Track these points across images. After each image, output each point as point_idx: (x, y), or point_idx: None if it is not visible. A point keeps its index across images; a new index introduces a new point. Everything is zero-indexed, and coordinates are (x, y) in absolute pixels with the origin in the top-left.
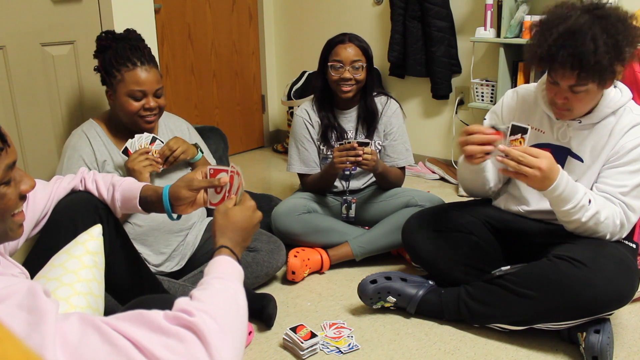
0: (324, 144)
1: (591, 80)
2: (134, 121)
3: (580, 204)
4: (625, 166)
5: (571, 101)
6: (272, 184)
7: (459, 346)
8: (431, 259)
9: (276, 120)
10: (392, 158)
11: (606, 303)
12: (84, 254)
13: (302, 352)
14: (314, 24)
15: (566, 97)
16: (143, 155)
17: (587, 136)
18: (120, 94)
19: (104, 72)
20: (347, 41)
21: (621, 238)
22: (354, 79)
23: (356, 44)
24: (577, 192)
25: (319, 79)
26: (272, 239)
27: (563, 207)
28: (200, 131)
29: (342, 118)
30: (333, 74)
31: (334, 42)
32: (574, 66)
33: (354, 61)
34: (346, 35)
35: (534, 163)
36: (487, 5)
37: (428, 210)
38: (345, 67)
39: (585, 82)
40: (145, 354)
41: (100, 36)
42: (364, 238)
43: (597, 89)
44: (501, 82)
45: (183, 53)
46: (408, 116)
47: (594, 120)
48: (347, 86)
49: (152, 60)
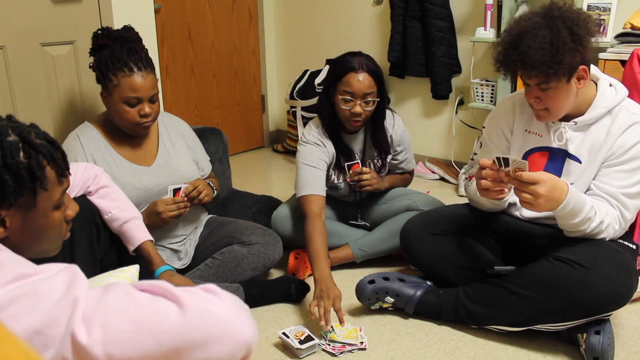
0: (335, 170)
1: (552, 77)
2: (131, 129)
3: (587, 217)
4: (624, 165)
5: (544, 100)
6: (272, 184)
7: (458, 346)
8: (430, 263)
9: (276, 120)
10: (405, 166)
11: (605, 304)
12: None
13: (299, 354)
14: (314, 24)
15: (537, 96)
16: (176, 204)
17: (584, 137)
18: (115, 99)
19: (99, 73)
20: (359, 68)
21: (617, 238)
22: (364, 114)
23: (369, 71)
24: (584, 206)
25: (325, 102)
26: (268, 232)
27: (571, 220)
28: (200, 132)
29: (349, 139)
30: (343, 106)
31: (345, 68)
32: (525, 66)
33: (366, 94)
34: (357, 58)
35: (532, 190)
36: (487, 5)
37: (426, 213)
38: (357, 100)
39: (545, 79)
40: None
41: (97, 33)
42: (365, 241)
43: (565, 84)
44: (501, 82)
45: (183, 53)
46: (408, 116)
47: (590, 121)
48: (358, 121)
49: (149, 65)
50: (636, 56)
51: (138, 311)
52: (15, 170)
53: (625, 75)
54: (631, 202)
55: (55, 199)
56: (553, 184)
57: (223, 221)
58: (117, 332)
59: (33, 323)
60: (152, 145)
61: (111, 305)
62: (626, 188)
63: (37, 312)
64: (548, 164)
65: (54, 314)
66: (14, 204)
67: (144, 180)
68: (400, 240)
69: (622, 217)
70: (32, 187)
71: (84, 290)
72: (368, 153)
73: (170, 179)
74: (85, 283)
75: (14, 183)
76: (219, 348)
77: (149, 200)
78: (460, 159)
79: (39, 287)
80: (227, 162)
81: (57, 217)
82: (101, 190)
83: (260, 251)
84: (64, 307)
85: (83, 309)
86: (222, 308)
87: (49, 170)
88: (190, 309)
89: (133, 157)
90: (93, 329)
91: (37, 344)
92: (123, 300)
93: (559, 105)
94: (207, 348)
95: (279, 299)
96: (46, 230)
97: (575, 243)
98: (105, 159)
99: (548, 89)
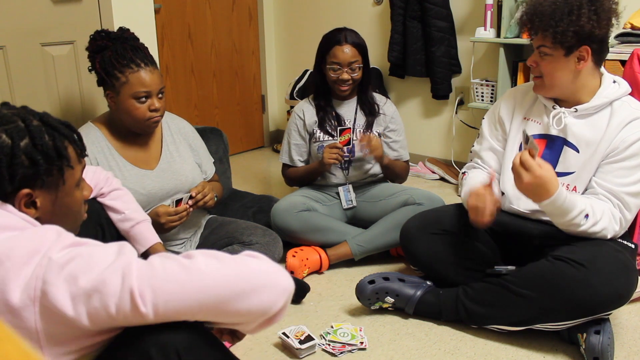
0: (320, 131)
1: (556, 38)
2: (141, 126)
3: (576, 219)
4: (625, 161)
5: (540, 66)
6: (272, 185)
7: (458, 346)
8: (430, 263)
9: (276, 120)
10: (399, 152)
11: (604, 303)
12: None
13: (299, 354)
14: (314, 23)
15: (535, 60)
16: (178, 215)
17: (582, 126)
18: (125, 97)
19: (104, 74)
20: (344, 41)
21: (616, 237)
22: (352, 79)
23: (352, 43)
24: (574, 208)
25: (317, 73)
26: (268, 232)
27: (556, 219)
28: (200, 132)
29: (341, 107)
30: (332, 74)
31: (331, 42)
32: (534, 17)
33: (351, 62)
34: (342, 32)
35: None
36: (487, 5)
37: (425, 213)
38: (343, 68)
39: (551, 39)
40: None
41: (95, 36)
42: (363, 237)
43: (563, 57)
44: (501, 82)
45: (183, 53)
46: (408, 116)
47: (590, 110)
48: (345, 86)
49: (153, 61)
50: (636, 56)
51: (182, 271)
52: (45, 151)
53: (625, 75)
54: (633, 201)
55: (78, 177)
56: (542, 182)
57: (223, 221)
58: (167, 294)
59: (89, 281)
60: (155, 147)
61: (158, 266)
62: (628, 186)
63: (92, 272)
64: (546, 152)
65: (109, 273)
66: (45, 184)
67: (147, 185)
68: (400, 240)
69: (623, 217)
70: (60, 166)
71: (134, 256)
72: (358, 122)
73: (173, 183)
74: (134, 252)
75: (45, 163)
76: (262, 296)
77: (151, 204)
78: (460, 159)
79: (94, 251)
80: (227, 162)
81: (79, 196)
82: (113, 192)
83: (260, 251)
84: (118, 268)
85: (135, 269)
86: (260, 261)
87: (70, 150)
88: (230, 262)
89: (136, 160)
90: (145, 292)
91: (96, 302)
92: (168, 262)
93: (553, 76)
94: (250, 297)
95: None
96: (71, 208)
97: (575, 242)
98: (109, 162)
99: (546, 56)
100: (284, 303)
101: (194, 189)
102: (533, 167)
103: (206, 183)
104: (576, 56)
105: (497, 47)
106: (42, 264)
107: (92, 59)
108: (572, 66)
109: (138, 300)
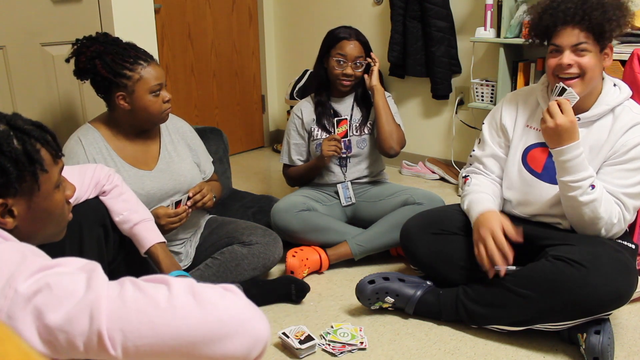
0: (318, 128)
1: (592, 34)
2: (156, 120)
3: (581, 182)
4: (625, 164)
5: (580, 64)
6: (272, 185)
7: (458, 346)
8: (430, 263)
9: (276, 120)
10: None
11: (604, 303)
12: None
13: (298, 354)
14: (314, 24)
15: (573, 60)
16: (178, 216)
17: (585, 134)
18: (141, 93)
19: (112, 76)
20: (352, 38)
21: (615, 237)
22: (354, 75)
23: (358, 40)
24: (582, 171)
25: (319, 67)
26: (268, 232)
27: (563, 177)
28: (200, 132)
29: (338, 104)
30: (337, 67)
31: (340, 37)
32: (575, 18)
33: (357, 57)
34: (349, 30)
35: (547, 118)
36: (487, 5)
37: (425, 213)
38: (349, 63)
39: (586, 38)
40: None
41: (84, 43)
42: (363, 237)
43: (598, 54)
44: (501, 82)
45: (183, 53)
46: (408, 116)
47: (593, 118)
48: (348, 81)
49: (151, 55)
50: (636, 56)
51: (155, 312)
52: (14, 157)
53: (625, 75)
54: (631, 202)
55: (55, 179)
56: (560, 131)
57: (223, 221)
58: (137, 337)
59: (56, 319)
60: (154, 147)
61: (130, 304)
62: (627, 188)
63: (60, 309)
64: (548, 160)
65: (76, 312)
66: (18, 191)
67: (146, 185)
68: (400, 240)
69: (622, 216)
70: (33, 171)
71: (105, 288)
72: (355, 117)
73: (172, 184)
74: (105, 279)
75: (15, 170)
76: (235, 343)
77: (150, 204)
78: (460, 159)
79: (62, 282)
80: (227, 162)
81: (59, 198)
82: (114, 190)
83: (260, 251)
84: (86, 306)
85: (105, 308)
86: (238, 305)
87: (44, 153)
88: (207, 304)
89: (135, 160)
90: (115, 334)
91: (62, 340)
92: (140, 300)
93: (594, 73)
94: (223, 343)
95: (279, 299)
96: (51, 212)
97: (574, 242)
98: (108, 163)
99: (584, 53)
100: (259, 351)
101: (192, 189)
102: (557, 114)
103: (204, 183)
104: (605, 54)
105: (497, 47)
106: (7, 295)
107: (92, 66)
108: (601, 64)
109: (107, 343)
